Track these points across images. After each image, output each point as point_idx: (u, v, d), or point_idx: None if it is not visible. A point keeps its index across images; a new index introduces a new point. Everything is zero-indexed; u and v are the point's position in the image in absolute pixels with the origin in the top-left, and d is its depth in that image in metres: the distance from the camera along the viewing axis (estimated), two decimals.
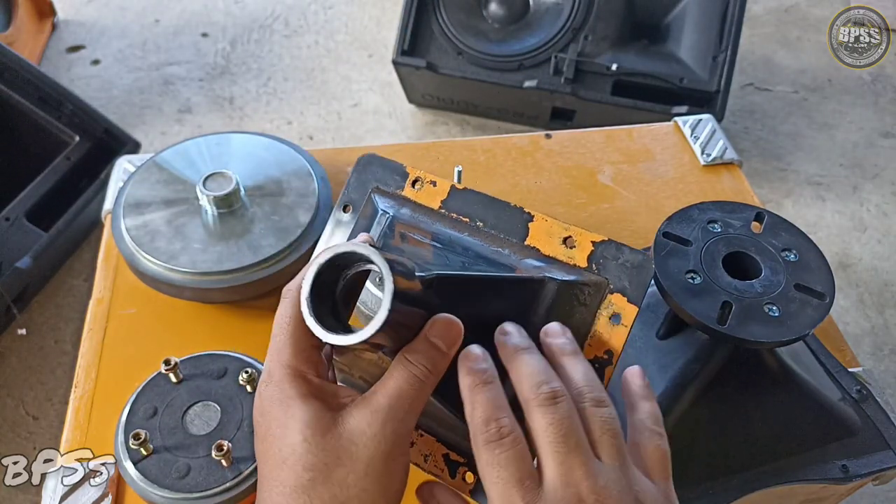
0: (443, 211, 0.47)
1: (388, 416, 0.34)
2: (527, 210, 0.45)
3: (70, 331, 1.37)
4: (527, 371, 0.36)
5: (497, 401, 0.36)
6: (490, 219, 0.45)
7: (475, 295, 0.40)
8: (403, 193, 0.48)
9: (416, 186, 0.48)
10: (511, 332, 0.39)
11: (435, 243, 0.45)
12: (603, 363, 0.42)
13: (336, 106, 1.90)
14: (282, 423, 0.35)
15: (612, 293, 0.42)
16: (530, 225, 0.44)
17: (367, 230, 0.48)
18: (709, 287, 0.54)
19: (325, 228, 0.50)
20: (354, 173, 0.50)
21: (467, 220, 0.46)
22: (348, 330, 0.34)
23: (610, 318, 0.42)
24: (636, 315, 0.41)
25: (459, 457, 0.43)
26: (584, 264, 0.42)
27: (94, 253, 0.82)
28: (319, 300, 0.34)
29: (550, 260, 0.43)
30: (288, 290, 0.38)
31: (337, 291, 0.36)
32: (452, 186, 0.47)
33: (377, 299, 0.45)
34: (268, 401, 0.36)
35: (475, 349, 0.37)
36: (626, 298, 0.41)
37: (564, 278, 0.42)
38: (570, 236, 0.43)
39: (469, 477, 0.42)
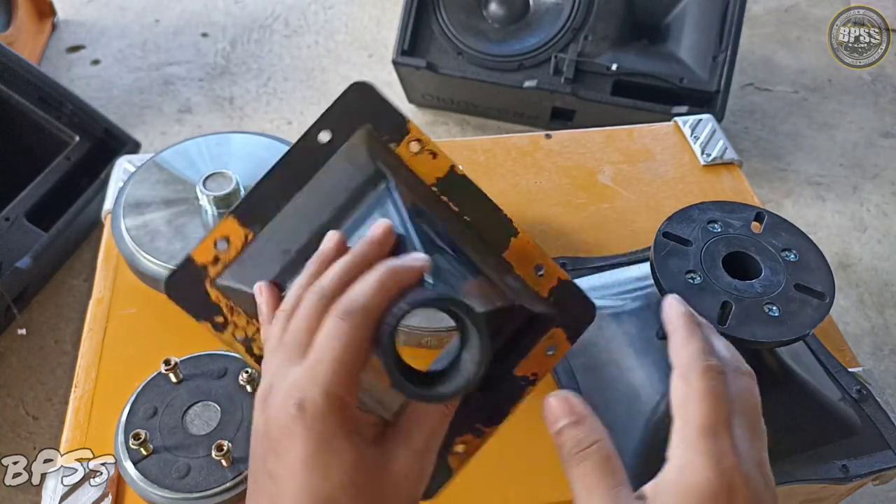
0: (435, 190, 0.42)
1: (426, 458, 0.33)
2: (515, 224, 0.43)
3: (70, 331, 1.37)
4: (697, 342, 0.36)
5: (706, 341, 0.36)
6: (479, 218, 0.43)
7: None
8: (398, 151, 0.41)
9: (414, 149, 0.41)
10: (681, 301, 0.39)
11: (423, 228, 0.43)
12: (528, 382, 0.43)
13: None
14: (320, 464, 0.30)
15: (556, 326, 0.43)
16: (513, 240, 0.43)
17: (360, 184, 0.42)
18: (709, 287, 0.54)
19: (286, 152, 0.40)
20: (344, 98, 0.41)
21: (458, 209, 0.42)
22: (426, 380, 0.33)
23: (547, 349, 0.43)
24: (566, 352, 0.43)
25: None
26: (544, 294, 0.43)
27: (94, 253, 0.82)
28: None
29: (518, 278, 0.43)
30: (351, 306, 0.31)
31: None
32: (452, 167, 0.42)
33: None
34: (295, 435, 0.30)
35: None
36: (565, 336, 0.43)
37: (528, 307, 0.43)
38: (542, 265, 0.43)
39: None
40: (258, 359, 0.41)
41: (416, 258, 0.33)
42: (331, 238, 0.37)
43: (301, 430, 0.30)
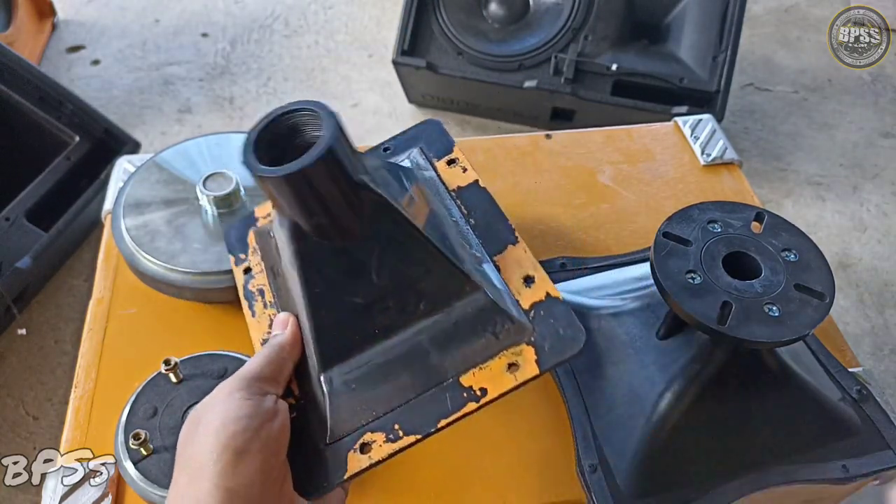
0: (453, 194, 0.49)
1: None
2: (517, 234, 0.45)
3: (70, 331, 1.37)
4: None
5: None
6: (482, 222, 0.46)
7: (407, 250, 0.40)
8: (437, 164, 0.51)
9: (452, 165, 0.51)
10: None
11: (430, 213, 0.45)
12: (472, 397, 0.39)
13: (336, 106, 1.87)
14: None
15: (527, 344, 0.40)
16: (510, 247, 0.44)
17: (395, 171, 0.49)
18: (709, 287, 0.54)
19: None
20: (413, 130, 0.54)
21: (466, 212, 0.47)
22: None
23: (508, 365, 0.40)
24: (531, 379, 0.39)
25: None
26: (525, 306, 0.41)
27: (94, 253, 0.82)
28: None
29: (501, 282, 0.43)
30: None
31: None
32: (476, 181, 0.50)
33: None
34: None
35: None
36: (535, 357, 0.39)
37: (495, 300, 0.41)
38: (532, 277, 0.42)
39: None
40: (246, 293, 0.53)
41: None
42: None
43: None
